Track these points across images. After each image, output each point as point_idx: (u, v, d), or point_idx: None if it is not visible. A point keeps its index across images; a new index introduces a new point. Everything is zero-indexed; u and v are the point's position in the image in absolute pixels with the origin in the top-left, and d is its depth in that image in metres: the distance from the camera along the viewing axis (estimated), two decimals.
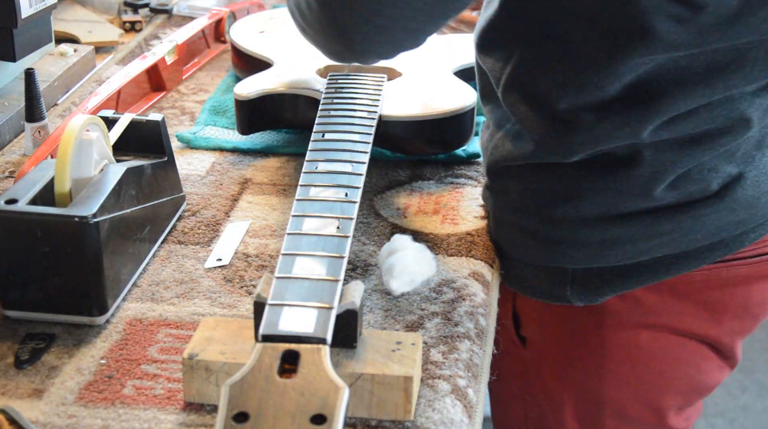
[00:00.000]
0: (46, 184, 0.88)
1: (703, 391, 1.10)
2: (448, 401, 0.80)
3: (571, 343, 1.06)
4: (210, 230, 1.04)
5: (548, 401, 1.11)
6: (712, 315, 1.03)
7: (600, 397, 1.07)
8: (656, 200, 0.93)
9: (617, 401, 1.07)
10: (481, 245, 1.02)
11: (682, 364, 1.06)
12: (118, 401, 0.79)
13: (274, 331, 0.71)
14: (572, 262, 0.99)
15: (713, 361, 1.07)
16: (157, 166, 0.98)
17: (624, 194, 0.94)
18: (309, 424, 0.62)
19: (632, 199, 0.94)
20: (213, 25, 1.51)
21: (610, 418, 1.08)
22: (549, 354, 1.09)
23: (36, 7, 1.21)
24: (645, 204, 0.94)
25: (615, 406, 1.07)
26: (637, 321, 1.02)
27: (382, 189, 1.12)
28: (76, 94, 1.34)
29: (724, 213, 0.94)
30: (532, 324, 1.08)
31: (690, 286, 1.00)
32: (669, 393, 1.08)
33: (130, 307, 0.91)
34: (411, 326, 0.89)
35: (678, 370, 1.06)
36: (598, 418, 1.09)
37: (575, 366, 1.07)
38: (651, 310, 1.01)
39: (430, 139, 1.15)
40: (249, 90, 1.17)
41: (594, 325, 1.03)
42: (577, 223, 0.96)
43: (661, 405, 1.08)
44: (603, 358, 1.04)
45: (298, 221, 0.86)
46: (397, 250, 0.95)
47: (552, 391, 1.10)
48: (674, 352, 1.05)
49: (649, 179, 0.92)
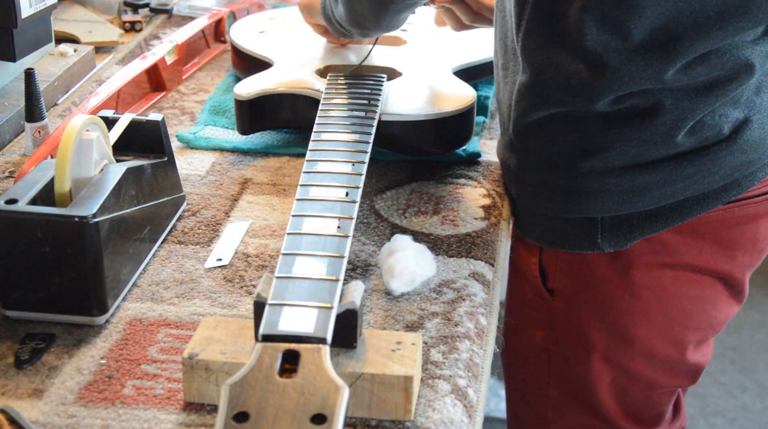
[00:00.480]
0: (46, 184, 0.89)
1: (716, 327, 1.16)
2: (448, 401, 0.80)
3: (601, 288, 1.11)
4: (210, 230, 1.04)
5: (576, 346, 1.15)
6: (727, 251, 1.09)
7: (630, 337, 1.12)
8: (677, 146, 1.00)
9: (645, 339, 1.12)
10: (481, 245, 1.02)
11: (700, 300, 1.12)
12: (118, 401, 0.79)
13: (274, 330, 0.71)
14: (602, 211, 1.04)
15: (725, 297, 1.14)
16: (157, 166, 0.98)
17: (648, 143, 1.00)
18: (309, 423, 0.62)
19: (656, 146, 1.00)
20: (213, 25, 1.51)
21: (639, 356, 1.14)
22: (579, 301, 1.13)
23: (36, 7, 1.21)
24: (668, 151, 1.00)
25: (643, 345, 1.13)
26: (662, 261, 1.08)
27: (382, 189, 1.12)
28: (76, 94, 1.34)
29: (737, 154, 1.02)
30: (560, 275, 1.13)
31: (708, 226, 1.06)
32: (690, 328, 1.14)
33: (130, 307, 0.91)
34: (411, 326, 0.89)
35: (698, 306, 1.12)
36: (627, 357, 1.14)
37: (606, 309, 1.12)
38: (674, 250, 1.07)
39: (430, 139, 1.15)
40: (249, 90, 1.17)
41: (622, 268, 1.08)
42: (604, 174, 1.02)
43: (682, 340, 1.14)
44: (633, 298, 1.10)
45: (298, 221, 0.86)
46: (397, 251, 0.95)
47: (581, 336, 1.14)
48: (693, 289, 1.11)
49: (671, 127, 0.99)
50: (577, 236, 1.07)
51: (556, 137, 1.03)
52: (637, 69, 0.95)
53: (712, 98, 0.98)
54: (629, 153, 1.01)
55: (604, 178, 1.02)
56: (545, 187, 1.06)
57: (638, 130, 0.99)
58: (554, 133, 1.03)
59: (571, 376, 1.18)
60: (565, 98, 1.00)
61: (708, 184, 1.03)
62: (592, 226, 1.06)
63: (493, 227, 1.06)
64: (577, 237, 1.07)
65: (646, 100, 0.98)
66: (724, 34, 0.94)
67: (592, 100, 0.98)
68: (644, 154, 1.01)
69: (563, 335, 1.16)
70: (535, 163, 1.07)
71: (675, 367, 1.16)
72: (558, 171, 1.05)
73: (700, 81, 0.97)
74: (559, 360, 1.18)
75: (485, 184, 1.14)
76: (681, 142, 1.00)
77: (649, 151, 1.00)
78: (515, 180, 1.10)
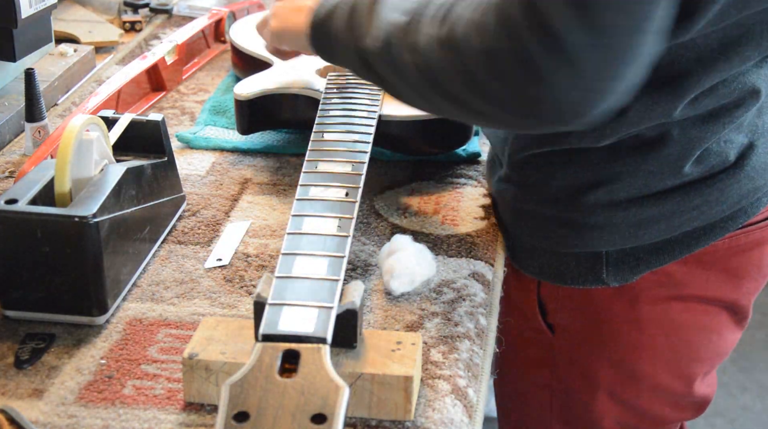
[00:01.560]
0: (46, 184, 0.89)
1: (722, 355, 1.14)
2: (448, 401, 0.80)
3: (605, 323, 1.07)
4: (210, 230, 1.04)
5: (580, 383, 1.12)
6: (733, 279, 1.07)
7: (637, 373, 1.09)
8: (684, 176, 0.97)
9: (653, 374, 1.09)
10: (481, 245, 1.02)
11: (707, 331, 1.09)
12: (118, 401, 0.79)
13: (275, 330, 0.71)
14: (607, 245, 1.01)
15: (729, 325, 1.11)
16: (157, 166, 0.98)
17: (656, 174, 0.97)
18: (309, 423, 0.62)
19: (663, 177, 0.97)
20: (213, 25, 1.51)
21: (645, 391, 1.11)
22: (582, 337, 1.10)
23: (36, 7, 1.21)
24: (675, 181, 0.97)
25: (650, 380, 1.10)
26: (668, 294, 1.05)
27: (382, 189, 1.12)
28: (76, 94, 1.34)
29: (744, 182, 0.99)
30: (561, 311, 1.09)
31: (714, 255, 1.03)
32: (697, 361, 1.11)
33: (130, 307, 0.91)
34: (411, 326, 0.89)
35: (705, 338, 1.10)
36: (634, 393, 1.11)
37: (611, 345, 1.08)
38: (680, 282, 1.04)
39: (430, 139, 1.15)
40: (249, 90, 1.17)
41: (628, 303, 1.05)
42: (610, 208, 0.98)
43: (690, 373, 1.11)
44: (639, 333, 1.07)
45: (298, 221, 0.86)
46: (397, 251, 0.95)
47: (585, 373, 1.11)
48: (700, 320, 1.08)
49: (678, 157, 0.96)
50: (580, 271, 1.03)
51: (558, 170, 1.00)
52: (646, 109, 0.92)
53: (718, 126, 0.96)
54: (636, 185, 0.97)
55: (610, 211, 0.99)
56: (546, 221, 1.02)
57: (645, 161, 0.96)
58: (555, 166, 0.99)
59: (575, 413, 1.14)
60: (570, 139, 0.97)
61: (715, 213, 1.00)
62: (596, 260, 1.02)
63: (493, 227, 1.06)
64: (580, 272, 1.03)
65: (652, 130, 0.95)
66: (731, 65, 0.92)
67: (600, 140, 0.95)
68: (651, 186, 0.97)
69: (567, 372, 1.12)
70: (534, 197, 1.02)
71: (682, 401, 1.13)
72: (560, 204, 1.01)
73: (708, 110, 0.95)
74: (562, 396, 1.14)
75: (485, 184, 1.14)
76: (688, 171, 0.97)
77: (656, 183, 0.97)
78: (512, 213, 1.05)
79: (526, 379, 1.17)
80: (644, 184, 0.97)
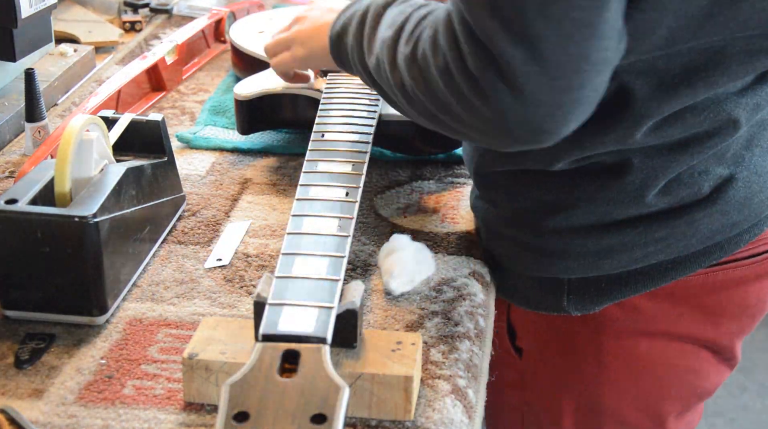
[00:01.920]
0: (46, 184, 0.89)
1: (703, 395, 1.09)
2: (448, 401, 0.80)
3: (569, 352, 1.05)
4: (210, 230, 1.04)
5: (546, 410, 1.10)
6: (710, 318, 1.02)
7: (599, 406, 1.06)
8: (649, 206, 0.92)
9: (616, 409, 1.06)
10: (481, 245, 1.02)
11: (680, 370, 1.05)
12: (118, 401, 0.79)
13: (275, 330, 0.71)
14: (567, 272, 0.97)
15: (712, 364, 1.06)
16: (157, 166, 0.98)
17: (616, 202, 0.92)
18: (309, 423, 0.62)
19: (624, 206, 0.92)
20: (213, 25, 1.51)
21: (609, 426, 1.08)
22: (546, 364, 1.08)
23: (36, 7, 1.21)
24: (637, 211, 0.93)
25: (614, 415, 1.07)
26: (635, 328, 1.01)
27: (382, 189, 1.12)
28: (76, 94, 1.34)
29: (716, 216, 0.94)
30: (528, 335, 1.08)
31: (687, 291, 0.99)
32: (668, 399, 1.07)
33: (130, 307, 0.91)
34: (411, 326, 0.89)
35: (677, 376, 1.05)
36: (597, 427, 1.08)
37: (573, 376, 1.06)
38: (649, 317, 1.00)
39: (430, 139, 1.15)
40: (249, 90, 1.17)
41: (591, 334, 1.02)
42: (569, 234, 0.95)
43: (660, 412, 1.07)
44: (601, 367, 1.03)
45: (298, 221, 0.86)
46: (397, 250, 0.94)
47: (550, 401, 1.09)
48: (673, 358, 1.03)
49: (640, 186, 0.91)
50: (543, 296, 1.00)
51: (521, 192, 0.97)
52: (598, 133, 0.88)
53: (687, 156, 0.90)
54: (595, 212, 0.93)
55: (569, 237, 0.95)
56: (512, 242, 0.99)
57: (604, 188, 0.92)
58: (519, 187, 0.97)
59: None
60: (525, 160, 0.93)
61: (683, 247, 0.94)
62: (558, 287, 0.99)
63: None
64: (543, 297, 1.00)
65: (610, 156, 0.90)
66: (694, 92, 0.86)
67: (553, 163, 0.92)
68: (611, 214, 0.93)
69: (534, 398, 1.10)
70: (501, 217, 1.00)
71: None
72: (524, 227, 0.98)
73: (675, 139, 0.89)
74: (532, 420, 1.12)
75: None
76: (652, 202, 0.92)
77: (617, 211, 0.93)
78: (486, 231, 1.03)
79: (500, 400, 1.13)
80: (604, 211, 0.93)
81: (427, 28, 0.82)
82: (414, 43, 0.82)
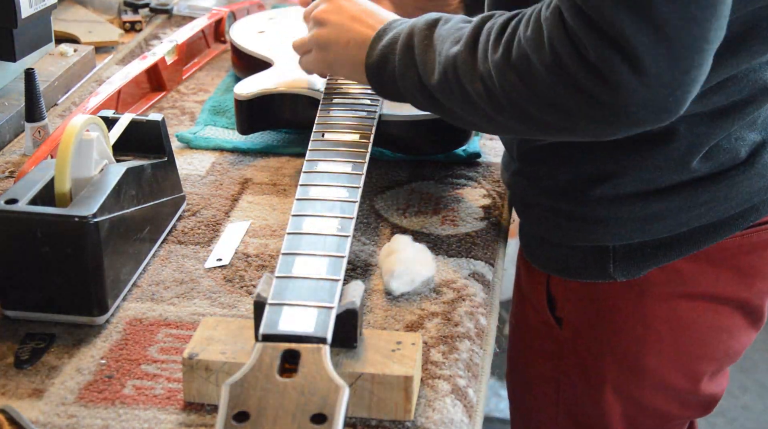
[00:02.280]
0: (46, 184, 0.89)
1: (733, 356, 1.13)
2: (448, 401, 0.80)
3: (612, 318, 1.07)
4: (210, 230, 1.04)
5: (586, 377, 1.12)
6: (745, 278, 1.06)
7: (641, 368, 1.09)
8: (692, 172, 0.97)
9: (657, 370, 1.09)
10: (481, 245, 1.02)
11: (716, 330, 1.09)
12: (118, 401, 0.79)
13: (275, 330, 0.71)
14: (614, 239, 1.01)
15: (743, 326, 1.10)
16: (157, 166, 0.98)
17: (662, 169, 0.97)
18: (309, 423, 0.62)
19: (670, 172, 0.97)
20: (213, 25, 1.51)
21: (650, 387, 1.11)
22: (588, 331, 1.10)
23: (36, 7, 1.21)
24: (682, 177, 0.97)
25: (654, 376, 1.10)
26: (677, 291, 1.05)
27: (382, 189, 1.12)
28: (76, 94, 1.34)
29: (755, 179, 0.99)
30: (569, 304, 1.10)
31: (725, 253, 1.03)
32: (705, 359, 1.10)
33: (130, 307, 0.91)
34: (411, 326, 0.89)
35: (713, 336, 1.09)
36: (638, 389, 1.11)
37: (616, 340, 1.08)
38: (689, 279, 1.04)
39: (430, 139, 1.15)
40: (249, 90, 1.17)
41: (635, 298, 1.05)
42: (616, 201, 0.99)
43: (697, 371, 1.10)
44: (645, 329, 1.06)
45: (298, 221, 0.86)
46: (397, 251, 0.95)
47: (591, 367, 1.11)
48: (710, 319, 1.07)
49: (685, 152, 0.96)
50: (587, 265, 1.04)
51: (564, 163, 1.00)
52: None
53: (728, 123, 0.96)
54: (642, 179, 0.97)
55: (616, 205, 0.99)
56: (554, 214, 1.03)
57: (651, 155, 0.96)
58: (562, 159, 1.00)
59: (581, 407, 1.14)
60: None
61: (724, 210, 0.99)
62: (603, 254, 1.02)
63: (493, 227, 1.06)
64: (587, 266, 1.04)
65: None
66: (738, 60, 0.92)
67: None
68: (657, 181, 0.97)
69: (572, 366, 1.13)
70: (542, 189, 1.03)
71: (688, 399, 1.12)
72: (567, 197, 1.01)
73: (717, 107, 0.95)
74: (568, 390, 1.14)
75: (485, 184, 1.14)
76: (696, 167, 0.97)
77: (663, 178, 0.97)
78: (523, 206, 1.07)
79: (533, 372, 1.18)
80: (650, 178, 0.97)
81: (522, 31, 0.84)
82: (505, 47, 0.85)
